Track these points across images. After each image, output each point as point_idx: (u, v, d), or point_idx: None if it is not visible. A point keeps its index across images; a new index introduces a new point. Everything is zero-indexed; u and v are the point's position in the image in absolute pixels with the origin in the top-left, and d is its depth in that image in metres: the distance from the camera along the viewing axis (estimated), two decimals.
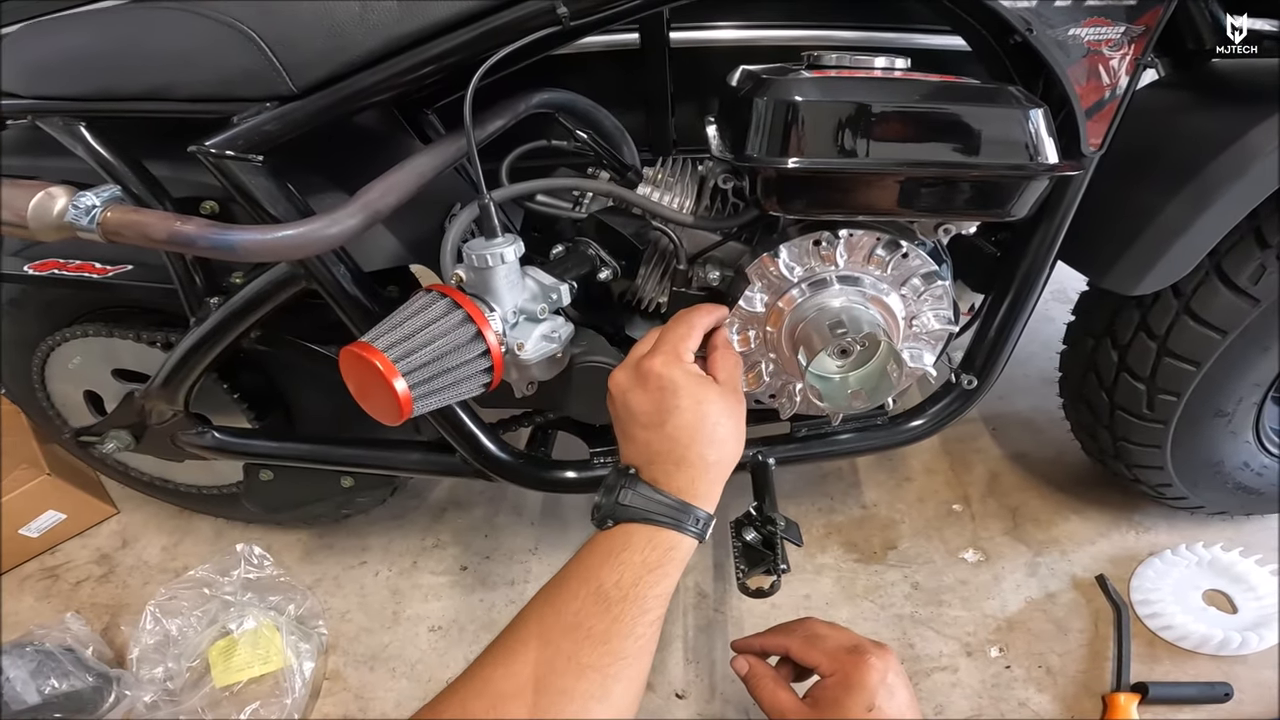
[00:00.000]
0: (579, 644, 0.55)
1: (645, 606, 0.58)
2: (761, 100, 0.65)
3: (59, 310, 1.02)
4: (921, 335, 0.80)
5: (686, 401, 0.62)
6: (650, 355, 0.65)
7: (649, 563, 0.59)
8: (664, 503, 0.61)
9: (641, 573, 0.59)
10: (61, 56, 0.73)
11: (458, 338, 0.63)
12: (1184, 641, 1.02)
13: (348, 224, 0.65)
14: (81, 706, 1.00)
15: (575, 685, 0.54)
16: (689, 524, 0.62)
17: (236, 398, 1.00)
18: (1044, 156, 0.66)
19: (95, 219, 0.66)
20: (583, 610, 0.57)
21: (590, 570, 0.59)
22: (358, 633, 1.13)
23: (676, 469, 0.62)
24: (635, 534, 0.61)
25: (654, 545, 0.60)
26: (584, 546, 0.62)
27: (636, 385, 0.64)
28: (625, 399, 0.65)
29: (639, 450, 0.64)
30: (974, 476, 1.32)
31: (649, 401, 0.63)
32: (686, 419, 0.62)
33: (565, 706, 0.53)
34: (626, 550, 0.60)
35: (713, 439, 0.63)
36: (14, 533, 1.23)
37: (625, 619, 0.57)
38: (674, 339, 0.66)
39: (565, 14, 0.65)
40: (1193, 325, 0.87)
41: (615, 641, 0.56)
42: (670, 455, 0.62)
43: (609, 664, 0.55)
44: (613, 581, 0.58)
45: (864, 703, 0.70)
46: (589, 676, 0.54)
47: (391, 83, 0.69)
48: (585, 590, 0.58)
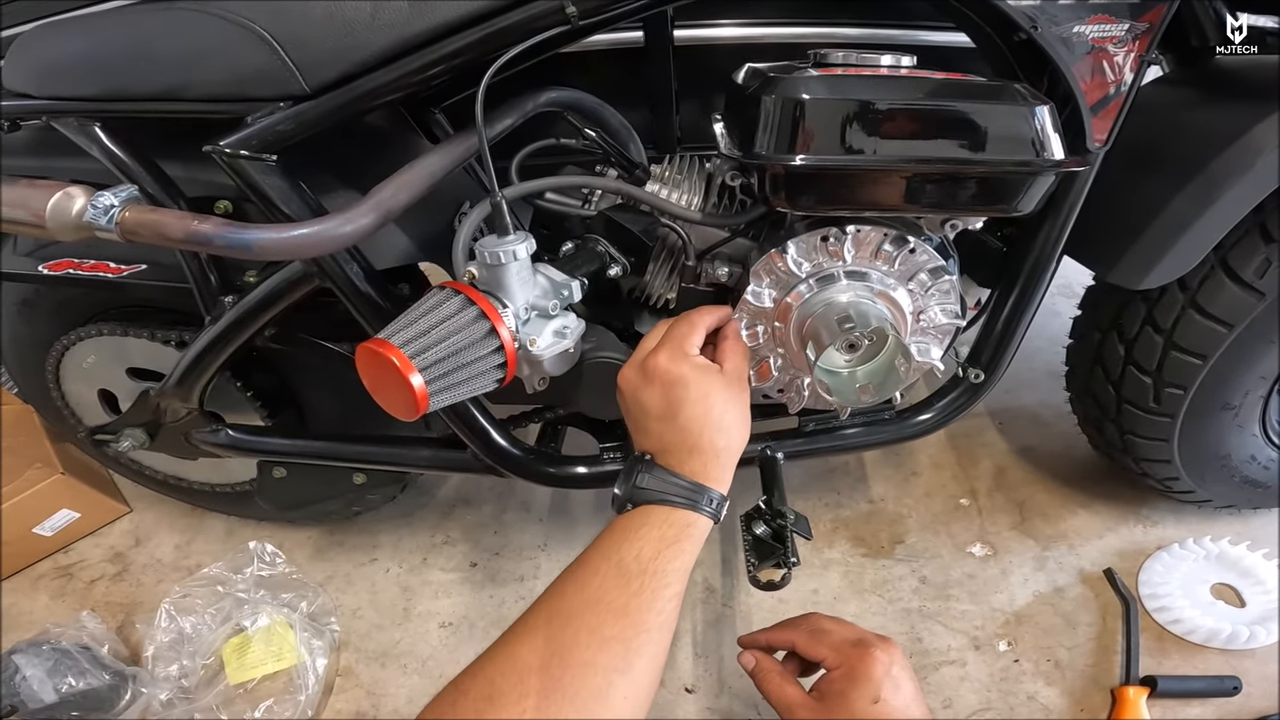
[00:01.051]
0: (601, 617, 0.56)
1: (665, 580, 0.59)
2: (770, 98, 0.66)
3: (72, 310, 1.03)
4: (929, 330, 0.81)
5: (694, 394, 0.65)
6: (656, 352, 0.67)
7: (666, 538, 0.61)
8: (680, 484, 0.64)
9: (660, 547, 0.60)
10: (75, 57, 0.74)
11: (472, 334, 0.64)
12: (1192, 635, 1.03)
13: (361, 223, 0.66)
14: (98, 705, 1.01)
15: (597, 658, 0.54)
16: (704, 503, 0.64)
17: (249, 396, 1.01)
18: (1050, 152, 0.66)
19: (114, 219, 0.66)
20: (604, 585, 0.58)
21: (610, 548, 0.61)
22: (369, 629, 1.14)
23: (690, 456, 0.65)
24: (653, 513, 0.63)
25: (671, 522, 0.62)
26: (603, 531, 0.64)
27: (646, 382, 0.67)
28: (636, 395, 0.68)
29: (653, 441, 0.66)
30: (981, 471, 1.32)
31: (659, 396, 0.66)
32: (696, 410, 0.65)
33: (589, 679, 0.53)
34: (645, 527, 0.62)
35: (720, 427, 0.66)
36: (28, 532, 1.24)
37: (646, 592, 0.58)
38: (678, 336, 0.69)
39: (574, 13, 0.66)
40: (1199, 319, 0.87)
41: (636, 614, 0.57)
42: (683, 444, 0.65)
43: (631, 636, 0.56)
44: (632, 556, 0.60)
45: (869, 695, 0.71)
46: (611, 648, 0.55)
47: (403, 82, 0.69)
48: (606, 566, 0.60)
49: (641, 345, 0.71)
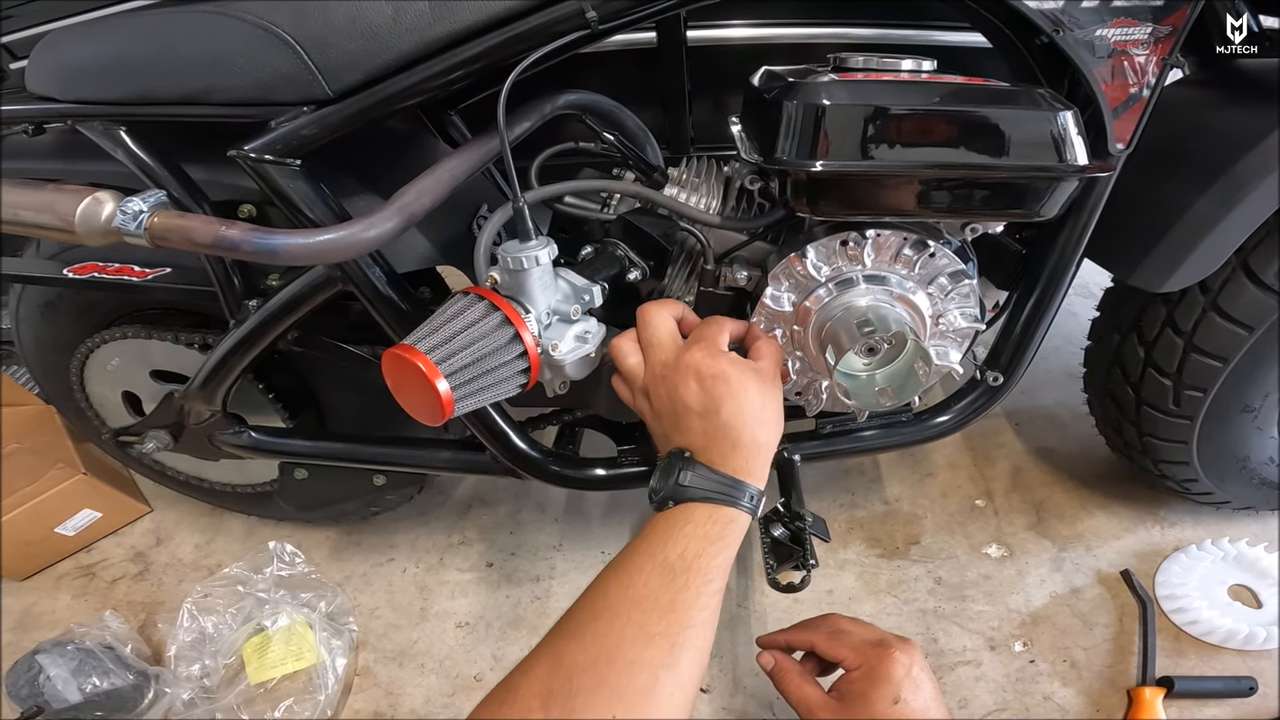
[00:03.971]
0: (647, 613, 0.57)
1: (709, 576, 0.60)
2: (791, 103, 0.66)
3: (96, 313, 1.04)
4: (948, 333, 0.81)
5: (736, 388, 0.65)
6: (690, 350, 0.66)
7: (710, 535, 0.62)
8: (722, 481, 0.64)
9: (704, 545, 0.61)
10: (99, 60, 0.74)
11: (496, 339, 0.64)
12: (1209, 636, 1.02)
13: (385, 227, 0.66)
14: (121, 705, 1.02)
15: (644, 654, 0.55)
16: (744, 500, 0.64)
17: (271, 398, 1.02)
18: (1074, 158, 0.66)
19: (143, 224, 0.67)
20: (649, 582, 0.59)
21: (655, 545, 0.61)
22: (386, 629, 1.15)
23: (733, 451, 0.65)
24: (696, 510, 0.63)
25: (714, 520, 0.63)
26: (644, 528, 0.64)
27: (685, 379, 0.66)
28: (675, 392, 0.66)
29: (695, 437, 0.66)
30: (998, 471, 1.32)
31: (701, 391, 0.65)
32: (739, 404, 0.65)
33: (636, 676, 0.54)
34: (690, 524, 0.62)
35: (761, 420, 0.66)
36: (50, 531, 1.26)
37: (691, 588, 0.59)
38: (709, 334, 0.68)
39: (594, 18, 0.66)
40: (1220, 321, 0.87)
41: (681, 610, 0.58)
42: (727, 439, 0.65)
43: (677, 631, 0.57)
44: (677, 554, 0.60)
45: (890, 696, 0.71)
46: (657, 644, 0.56)
47: (424, 86, 0.70)
48: (651, 564, 0.60)
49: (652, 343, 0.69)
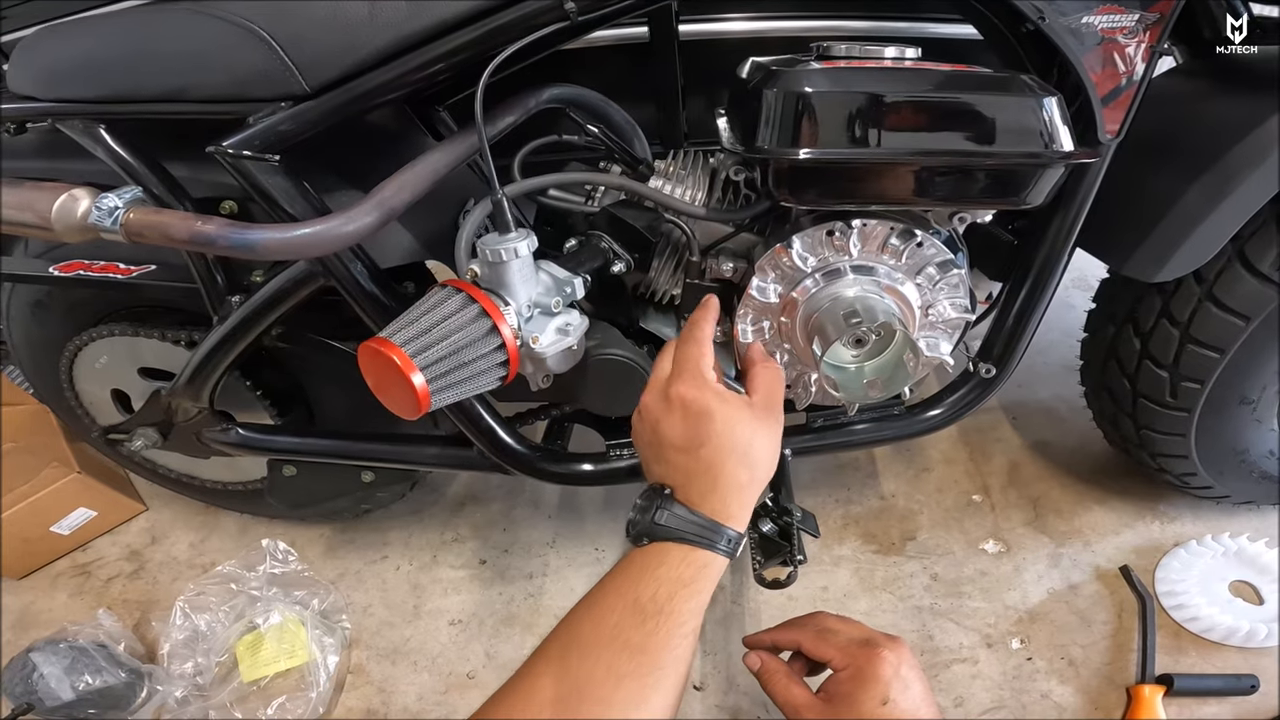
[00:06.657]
0: (617, 654, 0.56)
1: (680, 619, 0.59)
2: (772, 92, 0.65)
3: (84, 311, 1.04)
4: (938, 324, 0.80)
5: (720, 426, 0.63)
6: (675, 381, 0.65)
7: (683, 579, 0.60)
8: (698, 523, 0.63)
9: (676, 588, 0.60)
10: (78, 59, 0.74)
11: (473, 332, 0.64)
12: (1210, 633, 1.01)
13: (364, 221, 0.66)
14: (115, 702, 1.03)
15: (613, 695, 0.55)
16: (721, 543, 0.63)
17: (259, 394, 1.02)
18: (1059, 144, 0.65)
19: (118, 220, 0.67)
20: (620, 623, 0.58)
21: (627, 585, 0.61)
22: (379, 627, 1.15)
23: (711, 491, 0.63)
24: (670, 552, 0.62)
25: (688, 563, 0.61)
26: (619, 563, 0.64)
27: (668, 411, 0.65)
28: (657, 425, 0.65)
29: (674, 472, 0.65)
30: (994, 466, 1.31)
31: (682, 427, 0.64)
32: (721, 443, 0.63)
33: (603, 714, 0.54)
34: (662, 567, 0.61)
35: (745, 459, 0.64)
36: (46, 530, 1.26)
37: (661, 632, 0.58)
38: (691, 360, 0.66)
39: (572, 9, 0.66)
40: (1216, 312, 0.86)
41: (653, 653, 0.57)
42: (705, 478, 0.63)
43: (647, 673, 0.56)
44: (649, 596, 0.59)
45: (878, 696, 0.70)
46: (627, 685, 0.55)
47: (402, 81, 0.69)
48: (622, 604, 0.59)
49: (656, 370, 0.68)
